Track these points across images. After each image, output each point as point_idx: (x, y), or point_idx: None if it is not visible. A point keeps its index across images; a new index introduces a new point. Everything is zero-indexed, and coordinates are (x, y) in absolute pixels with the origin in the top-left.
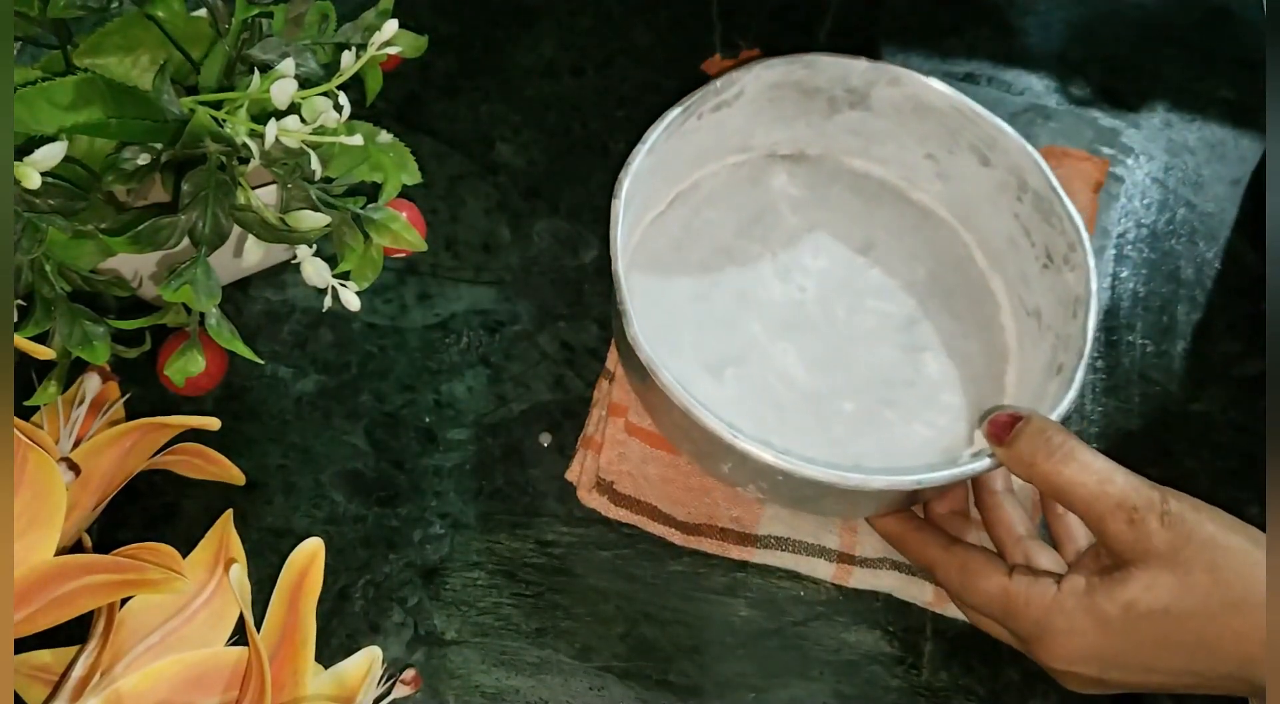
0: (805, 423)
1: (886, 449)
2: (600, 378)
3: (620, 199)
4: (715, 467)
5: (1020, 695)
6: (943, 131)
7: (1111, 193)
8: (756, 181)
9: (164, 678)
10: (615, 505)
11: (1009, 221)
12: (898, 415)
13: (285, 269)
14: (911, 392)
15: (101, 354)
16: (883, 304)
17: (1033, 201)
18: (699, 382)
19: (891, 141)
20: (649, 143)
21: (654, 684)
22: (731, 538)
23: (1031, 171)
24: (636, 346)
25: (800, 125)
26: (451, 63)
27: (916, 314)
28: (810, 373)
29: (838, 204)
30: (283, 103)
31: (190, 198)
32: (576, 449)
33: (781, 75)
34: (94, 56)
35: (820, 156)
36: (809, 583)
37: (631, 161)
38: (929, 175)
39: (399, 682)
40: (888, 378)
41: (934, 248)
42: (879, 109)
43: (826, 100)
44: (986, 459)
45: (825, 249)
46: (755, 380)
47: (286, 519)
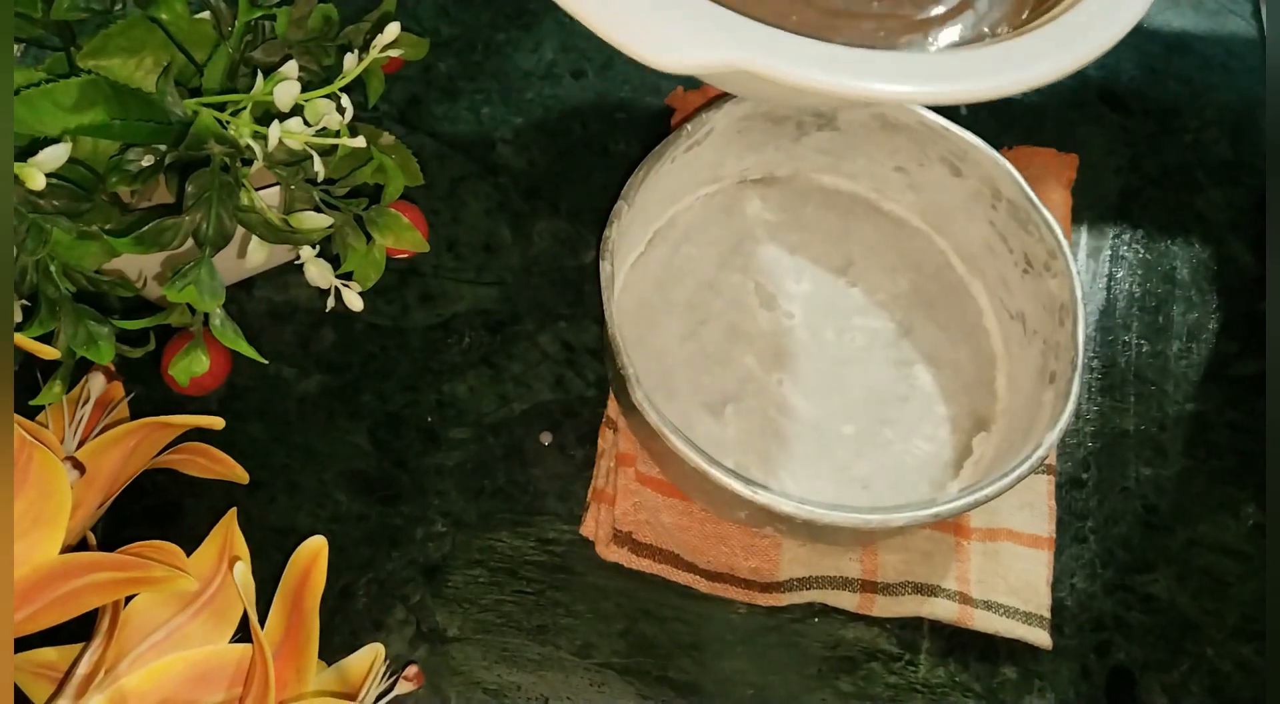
0: (809, 451)
1: (891, 469)
2: (603, 426)
3: (609, 259)
4: (731, 513)
5: (1017, 692)
6: (912, 146)
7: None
8: (731, 210)
9: (168, 675)
10: (637, 556)
11: (985, 228)
12: (896, 433)
13: (288, 270)
14: (907, 407)
15: (106, 354)
16: (869, 321)
17: (1008, 210)
18: (700, 422)
19: (860, 156)
20: (630, 198)
21: (654, 681)
22: (756, 587)
23: (1005, 181)
24: (644, 411)
25: (769, 150)
26: (453, 65)
27: (903, 327)
28: (808, 400)
29: (813, 223)
30: (286, 105)
31: (194, 199)
32: (588, 504)
33: (750, 107)
34: (97, 58)
35: (790, 177)
36: None
37: (616, 217)
38: (900, 187)
39: (401, 678)
40: (883, 396)
41: (912, 258)
42: (846, 128)
43: (795, 125)
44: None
45: (806, 272)
46: (755, 415)
47: (290, 518)
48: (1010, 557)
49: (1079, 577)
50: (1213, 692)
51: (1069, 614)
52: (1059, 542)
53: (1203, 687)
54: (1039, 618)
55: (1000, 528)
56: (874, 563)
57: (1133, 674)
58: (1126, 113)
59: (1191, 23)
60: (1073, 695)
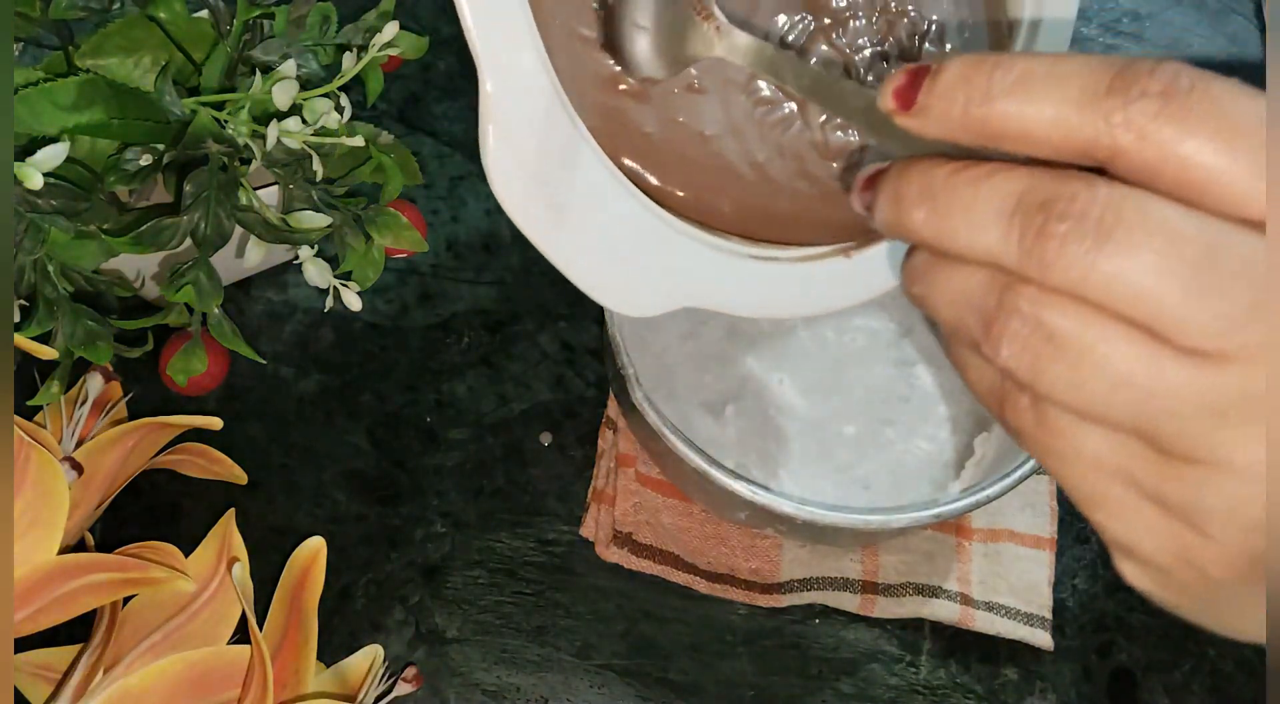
0: (810, 451)
1: (892, 469)
2: (603, 427)
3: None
4: (732, 514)
5: (1018, 693)
6: None
7: None
8: None
9: (166, 676)
10: (637, 557)
11: None
12: (898, 433)
13: (287, 269)
14: (908, 408)
15: (104, 354)
16: (869, 321)
17: None
18: (700, 422)
19: None
20: None
21: (654, 682)
22: (757, 589)
23: None
24: (644, 411)
25: None
26: (453, 64)
27: (903, 327)
28: (808, 400)
29: None
30: (284, 104)
31: (192, 198)
32: (587, 504)
33: None
34: (96, 57)
35: None
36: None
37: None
38: None
39: (400, 679)
40: (884, 396)
41: None
42: None
43: None
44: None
45: None
46: (755, 415)
47: (288, 518)
48: (1012, 557)
49: (1080, 577)
50: (1214, 692)
51: (1070, 615)
52: (1061, 542)
53: (1204, 687)
54: (1040, 619)
55: (1002, 528)
56: (875, 564)
57: (1134, 675)
58: None
59: (1193, 22)
60: (1074, 696)
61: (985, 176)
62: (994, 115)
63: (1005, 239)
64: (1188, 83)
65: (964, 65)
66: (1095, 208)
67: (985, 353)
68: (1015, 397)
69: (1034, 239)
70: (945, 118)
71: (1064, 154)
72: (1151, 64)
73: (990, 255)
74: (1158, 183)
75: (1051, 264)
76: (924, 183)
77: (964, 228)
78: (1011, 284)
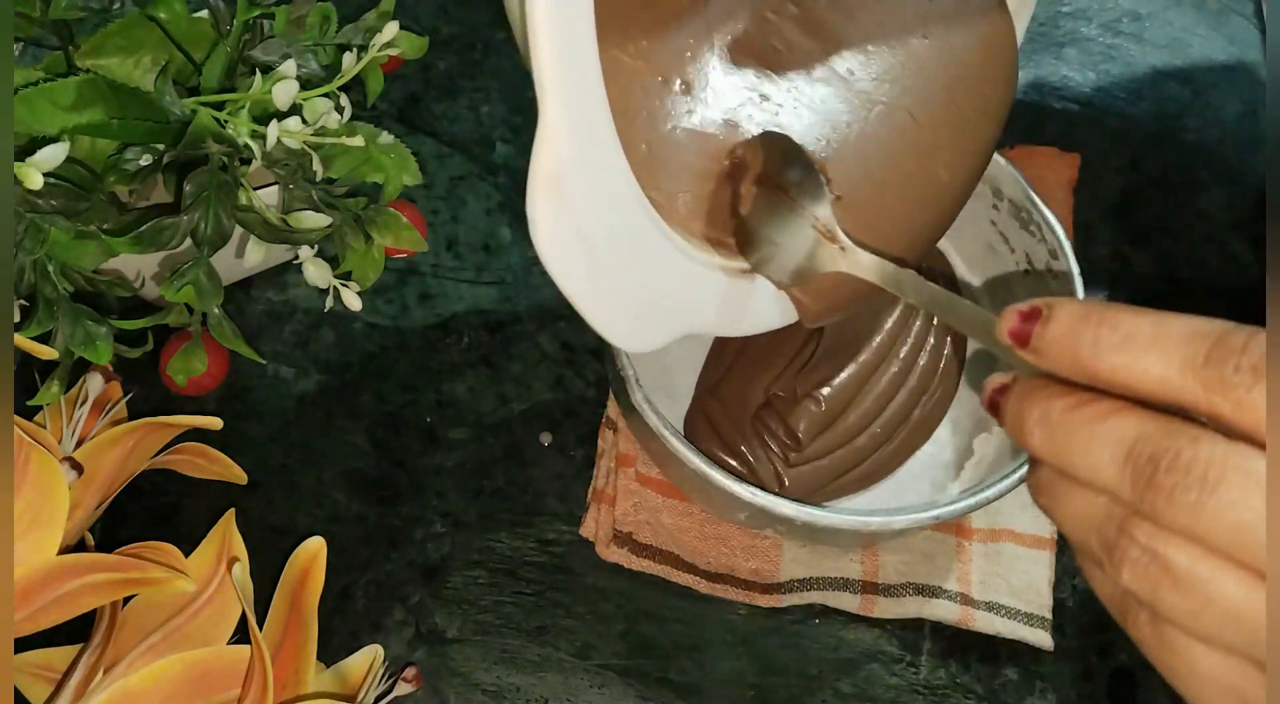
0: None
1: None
2: (603, 427)
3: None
4: (732, 515)
5: (1018, 694)
6: None
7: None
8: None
9: (166, 676)
10: (637, 557)
11: (986, 228)
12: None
13: (287, 269)
14: None
15: (104, 354)
16: None
17: (1009, 209)
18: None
19: None
20: None
21: (654, 682)
22: (757, 589)
23: (1006, 181)
24: (643, 413)
25: None
26: (452, 64)
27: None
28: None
29: None
30: (284, 104)
31: (192, 198)
32: (587, 504)
33: None
34: (96, 57)
35: None
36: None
37: None
38: None
39: (400, 679)
40: None
41: None
42: None
43: None
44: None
45: None
46: None
47: (288, 518)
48: (1012, 558)
49: (1081, 577)
50: None
51: (1071, 615)
52: (1061, 542)
53: None
54: (1041, 619)
55: (1002, 529)
56: (875, 564)
57: (1135, 675)
58: (1127, 112)
59: (1193, 22)
60: (1074, 697)
61: (1099, 419)
62: (1103, 368)
63: (1120, 480)
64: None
65: (1071, 318)
66: (1199, 464)
67: (1108, 572)
68: (1136, 612)
69: (1145, 488)
70: (1058, 361)
71: (1168, 404)
72: (1244, 338)
73: (1107, 488)
74: (1253, 440)
75: (1162, 510)
76: (1042, 412)
77: (1082, 464)
78: (1130, 517)
